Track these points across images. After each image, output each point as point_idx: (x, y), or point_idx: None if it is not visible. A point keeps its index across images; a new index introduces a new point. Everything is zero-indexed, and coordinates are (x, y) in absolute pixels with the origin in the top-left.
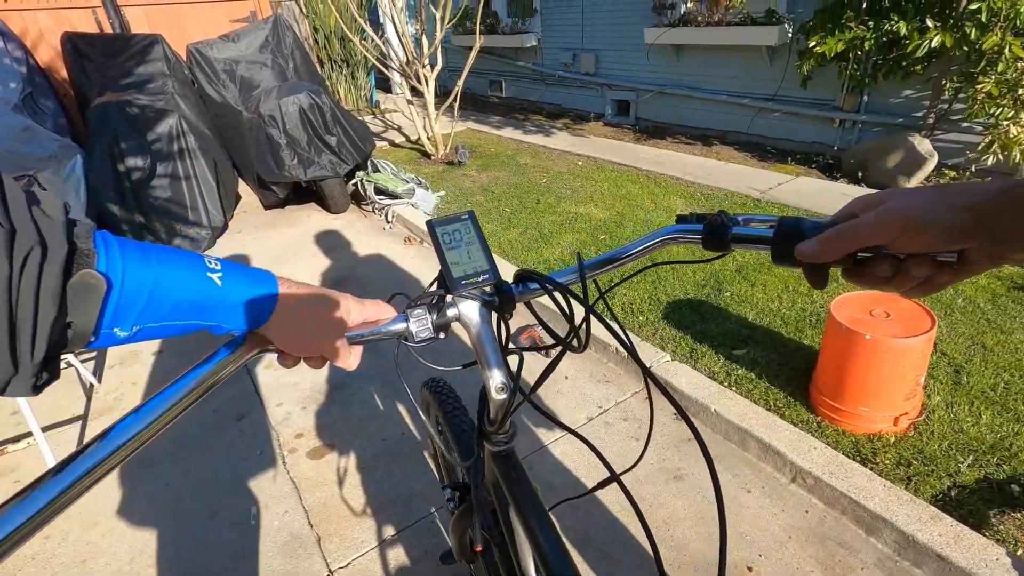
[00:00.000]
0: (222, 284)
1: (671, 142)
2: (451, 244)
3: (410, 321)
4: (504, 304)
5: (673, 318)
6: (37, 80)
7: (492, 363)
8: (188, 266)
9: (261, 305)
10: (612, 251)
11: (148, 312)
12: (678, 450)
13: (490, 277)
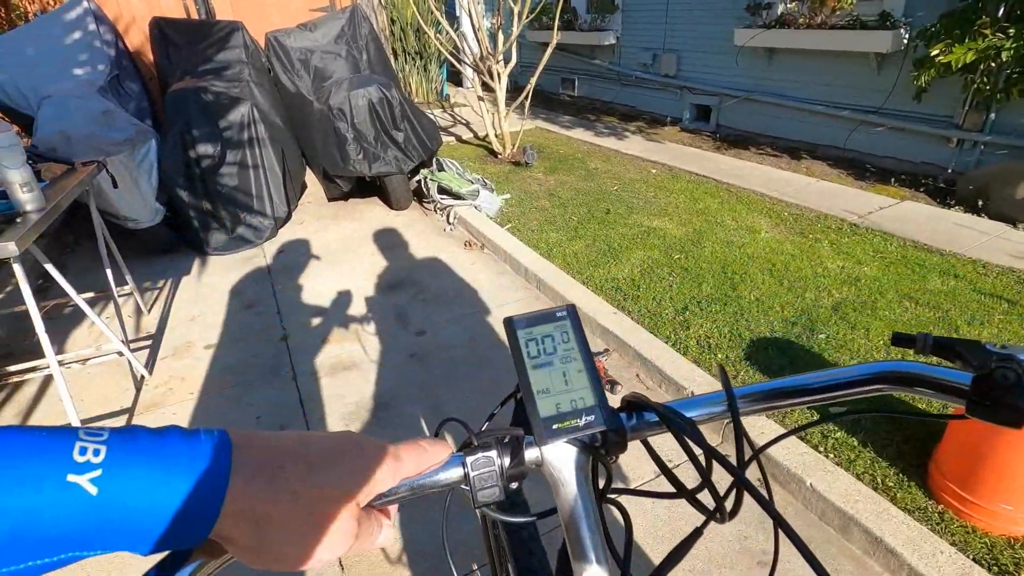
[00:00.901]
0: (100, 491)
1: (755, 153)
2: (538, 359)
3: (470, 473)
4: (611, 447)
5: (757, 360)
6: (124, 63)
7: (588, 551)
8: (32, 463)
9: (194, 508)
10: (787, 379)
11: None
12: (763, 527)
13: (597, 422)
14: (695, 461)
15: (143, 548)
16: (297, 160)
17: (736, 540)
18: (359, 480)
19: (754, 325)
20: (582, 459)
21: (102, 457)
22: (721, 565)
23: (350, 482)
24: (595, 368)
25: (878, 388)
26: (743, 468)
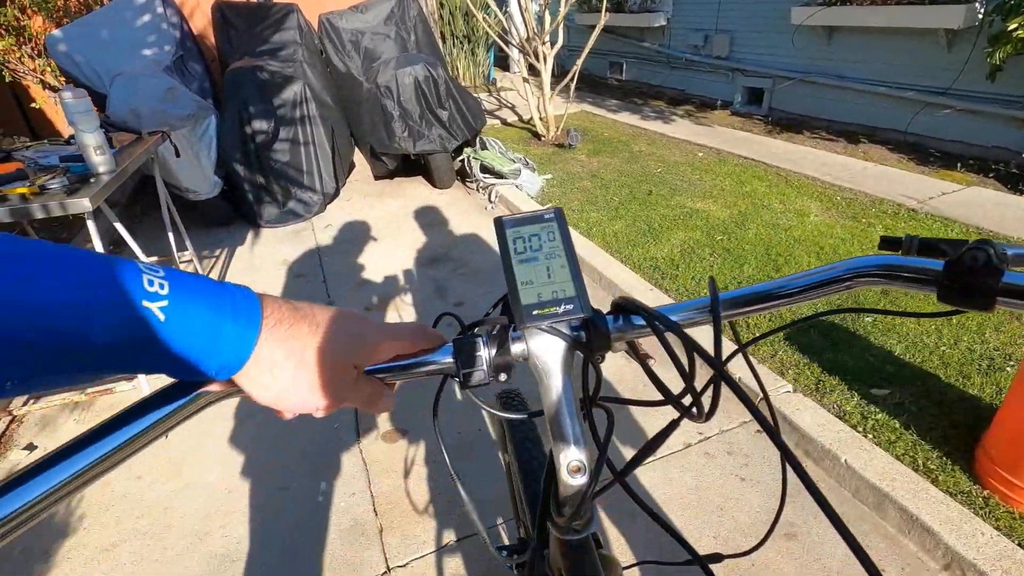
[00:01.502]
0: (166, 319)
1: (809, 137)
2: (524, 255)
3: (460, 356)
4: (595, 342)
5: (797, 340)
6: (188, 45)
7: (566, 431)
8: (114, 280)
9: (230, 349)
10: (767, 283)
11: (32, 357)
12: (792, 502)
13: (575, 310)
14: (676, 362)
15: (189, 375)
16: (346, 139)
17: (762, 511)
18: (358, 346)
19: (796, 308)
20: (566, 354)
21: (167, 291)
22: (747, 534)
23: (350, 346)
24: (577, 264)
25: (853, 283)
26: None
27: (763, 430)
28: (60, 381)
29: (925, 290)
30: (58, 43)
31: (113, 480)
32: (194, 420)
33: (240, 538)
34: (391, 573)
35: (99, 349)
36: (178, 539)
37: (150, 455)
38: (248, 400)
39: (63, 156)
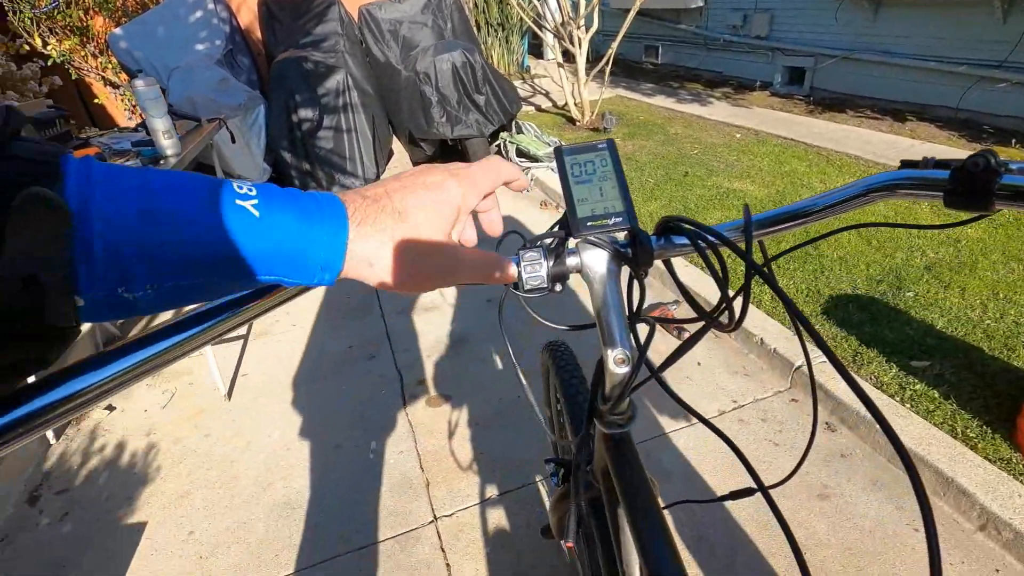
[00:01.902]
0: (260, 216)
1: (852, 116)
2: (580, 177)
3: (521, 265)
4: (639, 257)
5: (835, 315)
6: (237, 39)
7: (614, 328)
8: (207, 188)
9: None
10: (796, 203)
11: (159, 258)
12: (827, 465)
13: (624, 221)
14: (713, 273)
15: (300, 278)
16: (385, 126)
17: (797, 475)
18: (444, 228)
19: (835, 282)
20: (613, 266)
21: (255, 193)
22: (780, 494)
23: (437, 231)
24: (627, 187)
25: (870, 197)
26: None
27: (788, 313)
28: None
29: (933, 197)
30: (119, 41)
31: (184, 437)
32: (255, 383)
33: (300, 489)
34: (438, 522)
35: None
36: (244, 489)
37: (216, 416)
38: (303, 367)
39: (134, 141)
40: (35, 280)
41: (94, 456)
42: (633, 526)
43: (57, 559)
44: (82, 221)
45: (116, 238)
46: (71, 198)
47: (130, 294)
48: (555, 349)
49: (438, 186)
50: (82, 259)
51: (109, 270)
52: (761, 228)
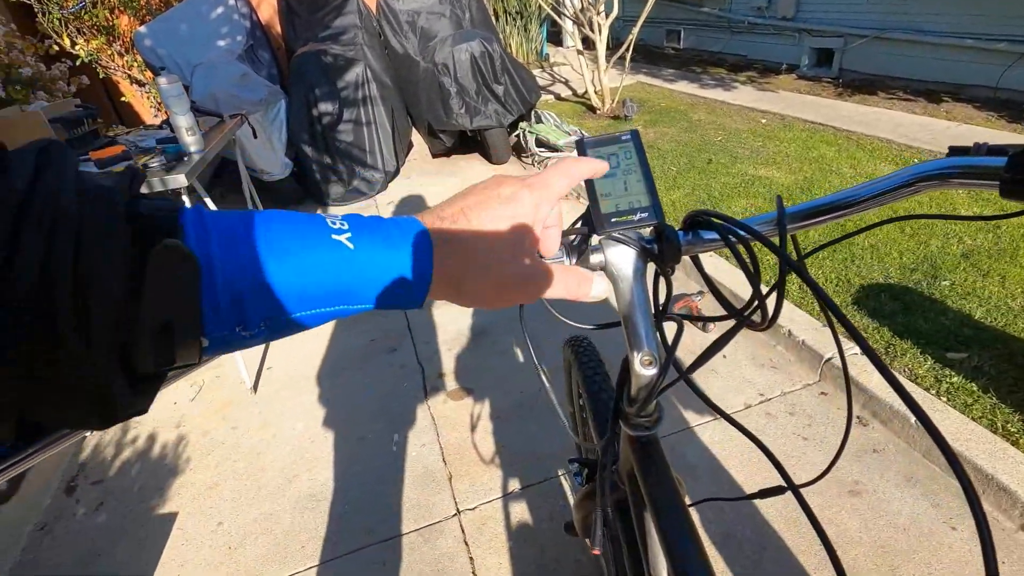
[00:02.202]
0: (355, 248)
1: (883, 98)
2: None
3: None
4: (666, 253)
5: (867, 305)
6: (257, 34)
7: (640, 328)
8: (306, 227)
9: (414, 271)
10: (833, 194)
11: (270, 298)
12: (858, 460)
13: (650, 217)
14: (745, 269)
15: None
16: (404, 118)
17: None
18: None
19: (866, 271)
20: (639, 263)
21: (347, 227)
22: (811, 491)
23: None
24: (652, 180)
25: (917, 187)
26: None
27: (822, 307)
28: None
29: (987, 186)
30: (144, 39)
31: (212, 429)
32: (280, 376)
33: (324, 481)
34: (461, 515)
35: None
36: (270, 480)
37: (242, 409)
38: (325, 360)
39: (159, 139)
40: (169, 326)
41: (127, 447)
42: (660, 530)
43: (93, 548)
44: (206, 268)
45: (236, 282)
46: (193, 248)
47: (247, 332)
48: (577, 345)
49: (512, 199)
50: (209, 303)
51: (230, 312)
52: (795, 221)
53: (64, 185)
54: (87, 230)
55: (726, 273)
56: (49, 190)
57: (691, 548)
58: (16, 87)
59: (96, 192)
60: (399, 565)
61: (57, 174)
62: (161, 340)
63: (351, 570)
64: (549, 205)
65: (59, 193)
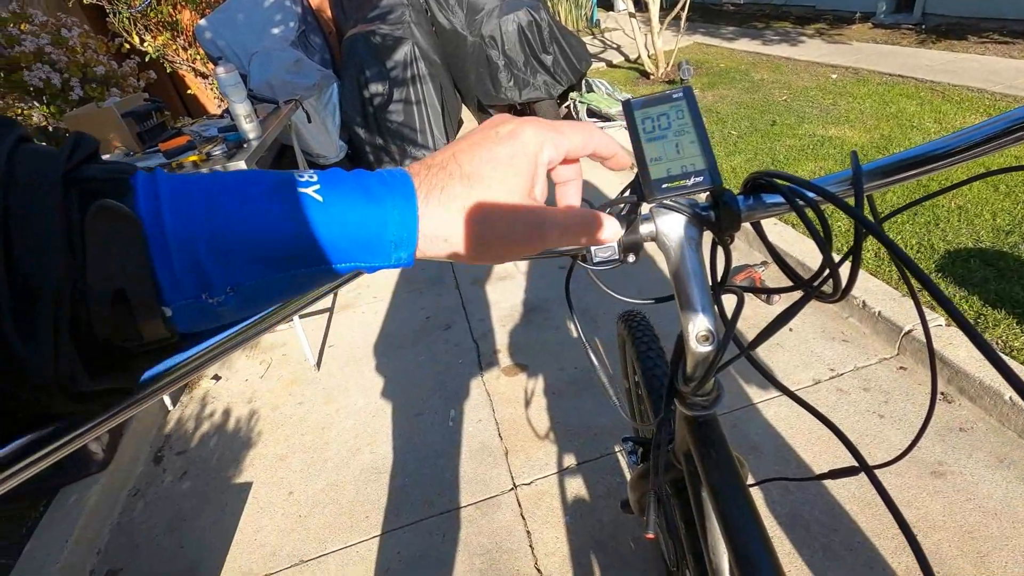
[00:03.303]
0: (324, 200)
1: (974, 43)
2: (653, 133)
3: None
4: (724, 221)
5: (953, 272)
6: (308, 20)
7: (695, 303)
8: (269, 181)
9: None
10: (915, 148)
11: (232, 259)
12: (942, 440)
13: (705, 181)
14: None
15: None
16: (453, 95)
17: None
18: (522, 184)
19: (952, 236)
20: (694, 231)
21: (316, 179)
22: (890, 471)
23: (514, 189)
24: (708, 141)
25: (1018, 137)
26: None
27: (902, 271)
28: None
29: None
30: (204, 31)
31: (280, 405)
32: (341, 354)
33: (385, 454)
34: (517, 489)
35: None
36: (335, 453)
37: (307, 385)
38: (383, 337)
39: (220, 127)
40: (123, 295)
41: (205, 421)
42: (719, 513)
43: (179, 512)
44: (155, 229)
45: (189, 243)
46: (142, 208)
47: (213, 299)
48: (631, 319)
49: (511, 136)
50: (162, 267)
51: (187, 274)
52: (872, 180)
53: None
54: (14, 194)
55: (794, 243)
56: None
57: (753, 531)
58: (92, 85)
59: (32, 156)
60: (457, 537)
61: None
62: (117, 311)
63: (412, 540)
64: (554, 149)
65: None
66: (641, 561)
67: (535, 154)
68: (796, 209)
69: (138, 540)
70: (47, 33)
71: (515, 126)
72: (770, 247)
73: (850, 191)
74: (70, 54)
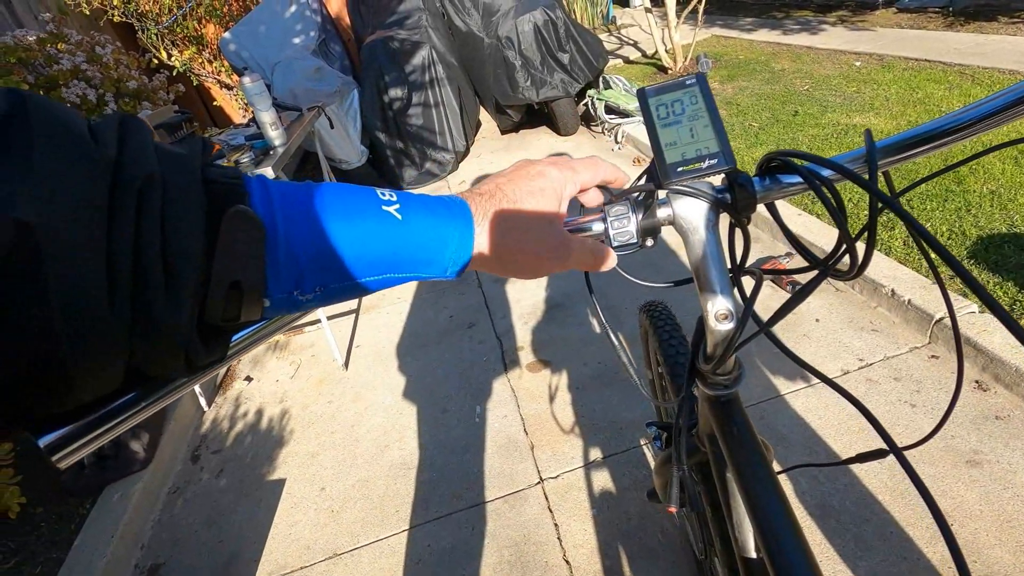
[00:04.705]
0: (403, 219)
1: (1007, 23)
2: (667, 119)
3: (608, 221)
4: (740, 202)
5: (986, 258)
6: (328, 28)
7: (714, 282)
8: (359, 198)
9: (455, 245)
10: (931, 122)
11: (325, 263)
12: (977, 429)
13: (720, 163)
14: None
15: (435, 272)
16: (471, 97)
17: (941, 439)
18: (552, 215)
19: (984, 221)
20: (711, 214)
21: (396, 199)
22: (922, 460)
23: (547, 219)
24: (721, 124)
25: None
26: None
27: (921, 246)
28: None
29: None
30: (228, 44)
31: (310, 404)
32: (368, 353)
33: (413, 450)
34: (544, 483)
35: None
36: (364, 449)
37: (336, 385)
38: (409, 336)
39: (247, 136)
40: (237, 285)
41: (239, 421)
42: (744, 491)
43: (217, 508)
44: (272, 232)
45: (294, 247)
46: (260, 212)
47: (303, 296)
48: (653, 310)
49: (541, 174)
50: (271, 265)
51: (289, 275)
52: (887, 156)
53: (147, 151)
54: (170, 190)
55: (819, 233)
56: (135, 155)
57: (778, 508)
58: (125, 99)
59: (174, 157)
60: (486, 530)
61: (139, 141)
62: (230, 298)
63: (442, 533)
64: (573, 184)
65: (144, 157)
66: (669, 552)
67: (560, 189)
68: (812, 186)
69: (178, 535)
70: (82, 51)
71: (543, 167)
72: (784, 228)
73: (866, 168)
74: (104, 71)
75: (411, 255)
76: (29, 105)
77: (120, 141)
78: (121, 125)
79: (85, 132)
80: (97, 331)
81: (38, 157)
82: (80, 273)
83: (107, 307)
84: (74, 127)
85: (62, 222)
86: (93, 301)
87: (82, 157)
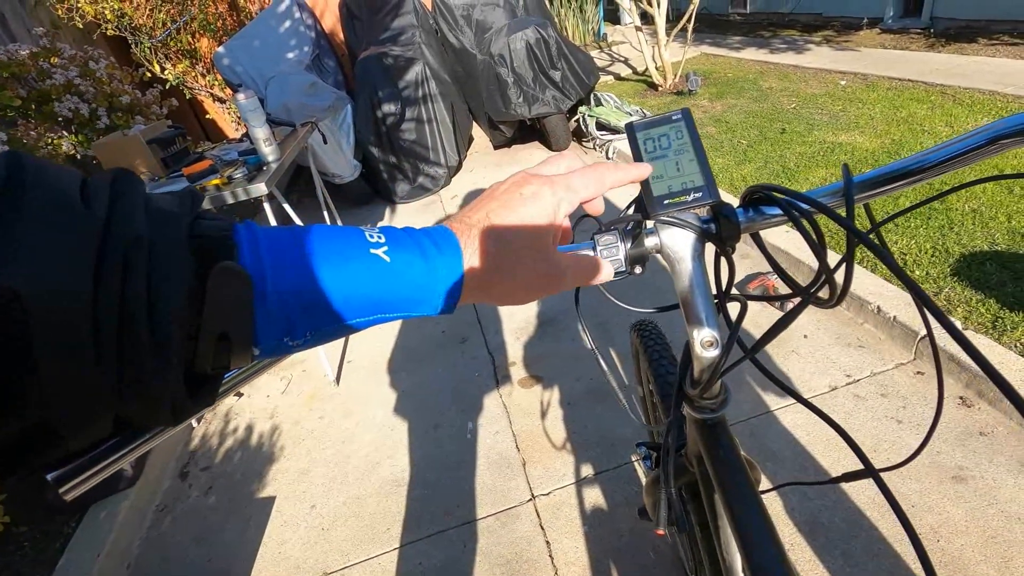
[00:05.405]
0: (391, 261)
1: (985, 45)
2: (655, 153)
3: (597, 249)
4: (724, 233)
5: (968, 276)
6: (322, 43)
7: (700, 311)
8: (347, 242)
9: (445, 282)
10: (905, 159)
11: (314, 310)
12: (962, 445)
13: (704, 197)
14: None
15: (426, 310)
16: (464, 113)
17: (927, 455)
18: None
19: (966, 239)
20: (697, 244)
21: (384, 240)
22: (908, 476)
23: (539, 245)
24: (706, 159)
25: (999, 147)
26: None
27: (924, 308)
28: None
29: None
30: (222, 58)
31: (301, 420)
32: (359, 368)
33: (404, 467)
34: (536, 500)
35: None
36: (355, 466)
37: (327, 400)
38: (401, 352)
39: (240, 151)
40: (226, 336)
41: (229, 437)
42: (730, 513)
43: (205, 526)
44: (260, 285)
45: (284, 295)
46: (248, 265)
47: (293, 341)
48: (643, 329)
49: (534, 197)
50: (260, 316)
51: (278, 323)
52: (864, 191)
53: (136, 212)
54: (157, 250)
55: (805, 251)
56: (124, 216)
57: (762, 529)
58: (118, 114)
59: (163, 216)
60: (477, 547)
61: (130, 202)
62: (219, 350)
63: (433, 551)
64: (570, 206)
65: (132, 219)
66: (661, 569)
67: (554, 213)
68: (792, 219)
69: (166, 554)
70: (75, 66)
71: (537, 187)
72: (769, 257)
73: (843, 202)
74: (97, 85)
75: (401, 296)
76: (27, 172)
77: (112, 201)
78: (114, 183)
79: (77, 196)
80: (85, 395)
81: (29, 227)
82: (67, 340)
83: (95, 372)
84: (68, 191)
85: (49, 290)
86: (81, 367)
87: (72, 223)
